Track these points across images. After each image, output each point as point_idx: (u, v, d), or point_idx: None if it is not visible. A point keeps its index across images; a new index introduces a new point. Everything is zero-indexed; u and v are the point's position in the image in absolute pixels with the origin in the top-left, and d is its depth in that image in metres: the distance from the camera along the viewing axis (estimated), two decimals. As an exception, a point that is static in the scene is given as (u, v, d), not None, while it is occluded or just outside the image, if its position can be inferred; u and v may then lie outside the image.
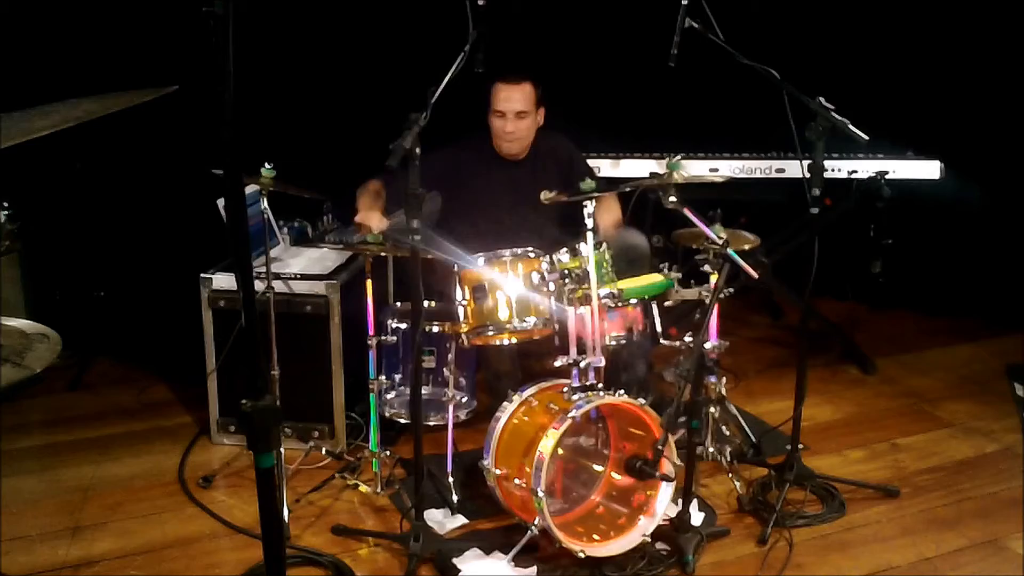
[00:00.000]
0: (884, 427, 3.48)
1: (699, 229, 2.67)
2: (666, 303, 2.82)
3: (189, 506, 2.92)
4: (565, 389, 2.61)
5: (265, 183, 2.81)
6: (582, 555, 2.48)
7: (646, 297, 2.82)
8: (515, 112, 3.22)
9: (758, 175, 3.95)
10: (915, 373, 4.00)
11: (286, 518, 2.75)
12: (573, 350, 2.60)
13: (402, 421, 3.14)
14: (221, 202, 3.15)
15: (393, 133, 2.37)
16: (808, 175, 2.72)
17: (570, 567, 2.53)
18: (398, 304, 3.34)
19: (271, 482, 1.46)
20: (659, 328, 2.83)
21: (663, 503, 2.59)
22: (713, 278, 2.69)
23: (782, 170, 3.93)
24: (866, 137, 2.62)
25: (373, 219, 3.05)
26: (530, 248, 2.79)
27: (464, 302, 2.78)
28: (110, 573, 2.57)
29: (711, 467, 3.05)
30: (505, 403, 2.76)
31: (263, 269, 2.85)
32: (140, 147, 3.95)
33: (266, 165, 2.80)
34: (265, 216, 3.05)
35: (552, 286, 2.73)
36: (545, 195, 2.78)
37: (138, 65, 3.72)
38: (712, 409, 2.99)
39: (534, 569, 2.53)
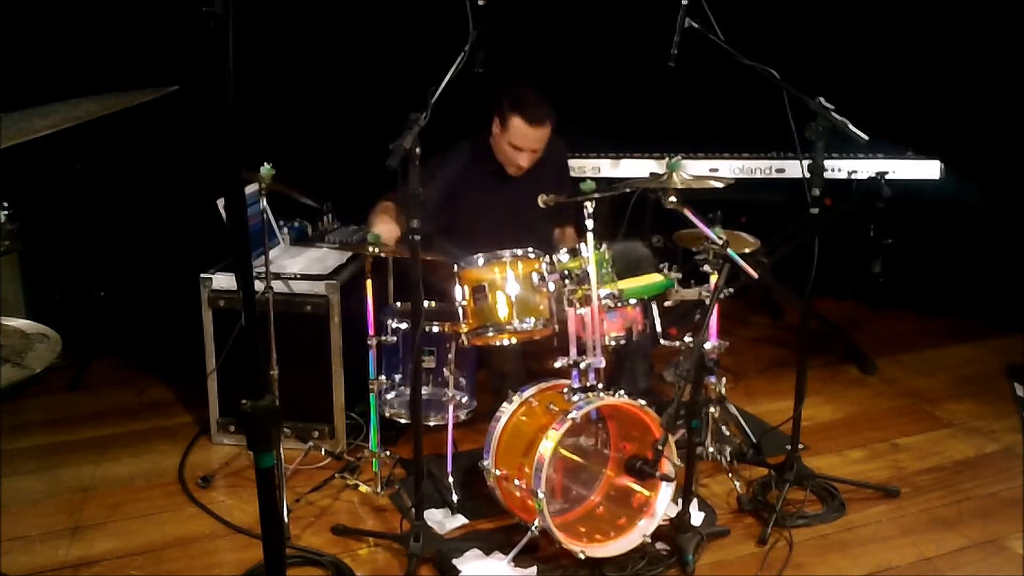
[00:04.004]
0: (884, 427, 3.48)
1: (699, 229, 2.67)
2: (666, 303, 2.82)
3: (189, 506, 2.92)
4: (565, 390, 2.61)
5: (264, 182, 2.81)
6: (582, 555, 2.48)
7: (646, 297, 2.83)
8: (531, 150, 3.25)
9: (758, 175, 3.95)
10: (915, 373, 4.00)
11: (286, 518, 2.75)
12: (573, 351, 2.60)
13: (402, 421, 3.14)
14: (221, 202, 3.15)
15: (393, 133, 2.37)
16: (808, 175, 2.73)
17: (570, 567, 2.53)
18: (398, 304, 3.34)
19: (271, 482, 1.46)
20: (659, 328, 2.83)
21: (663, 503, 2.59)
22: (713, 278, 2.69)
23: (782, 170, 3.93)
24: (866, 137, 2.62)
25: (390, 231, 3.09)
26: (530, 248, 2.79)
27: (464, 302, 2.78)
28: (110, 573, 2.57)
29: (711, 467, 3.04)
30: (505, 403, 2.77)
31: (263, 269, 2.85)
32: (140, 147, 3.95)
33: (265, 165, 2.80)
34: (265, 216, 3.05)
35: (552, 286, 2.73)
36: (543, 198, 2.78)
37: (138, 65, 3.72)
38: (712, 409, 2.98)
39: (534, 569, 2.52)
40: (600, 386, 2.59)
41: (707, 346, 2.82)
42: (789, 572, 2.56)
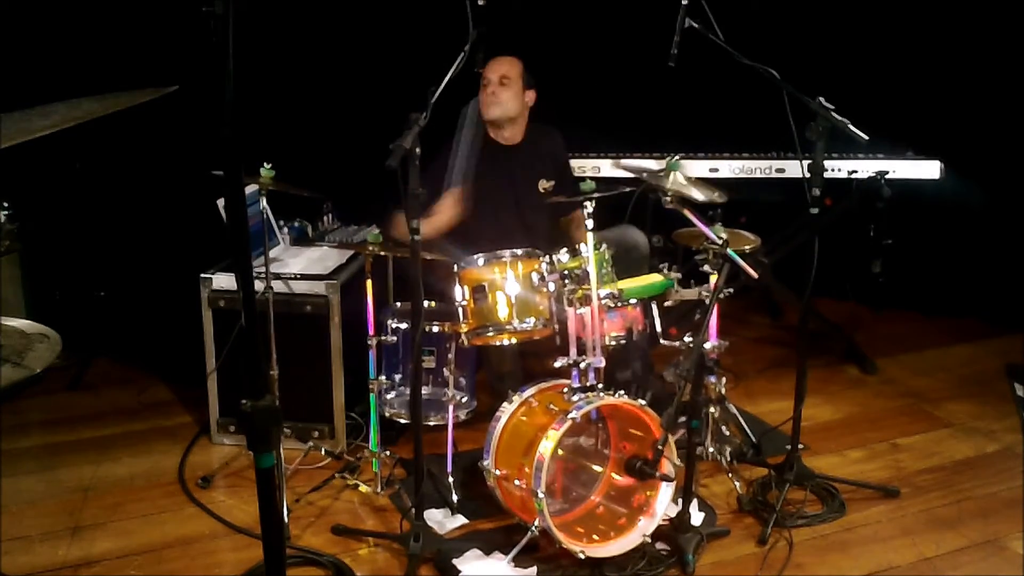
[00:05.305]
0: (884, 427, 3.48)
1: (699, 229, 2.67)
2: (666, 303, 2.82)
3: (189, 506, 2.92)
4: (565, 390, 2.61)
5: (264, 183, 2.81)
6: (582, 555, 2.48)
7: (646, 297, 2.83)
8: (499, 76, 3.29)
9: (758, 175, 3.95)
10: (915, 373, 4.00)
11: (286, 518, 2.75)
12: (573, 351, 2.60)
13: (402, 421, 3.14)
14: (221, 202, 3.15)
15: (393, 133, 2.37)
16: (808, 175, 2.72)
17: (570, 567, 2.53)
18: (398, 304, 3.35)
19: (271, 482, 1.46)
20: (659, 328, 2.83)
21: (663, 503, 2.59)
22: (713, 278, 2.69)
23: (782, 170, 3.93)
24: (866, 137, 2.62)
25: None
26: (530, 248, 2.79)
27: (464, 302, 2.78)
28: (110, 573, 2.57)
29: (711, 467, 3.04)
30: (505, 403, 2.76)
31: (263, 269, 2.85)
32: (140, 147, 3.95)
33: (265, 165, 2.80)
34: (265, 216, 3.05)
35: (552, 286, 2.73)
36: (543, 184, 2.78)
37: (138, 65, 3.72)
38: (712, 409, 2.99)
39: (534, 569, 2.52)
40: (600, 386, 2.59)
41: (707, 346, 2.82)
42: (789, 572, 2.56)
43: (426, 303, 2.62)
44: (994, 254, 4.40)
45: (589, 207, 2.62)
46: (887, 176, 3.78)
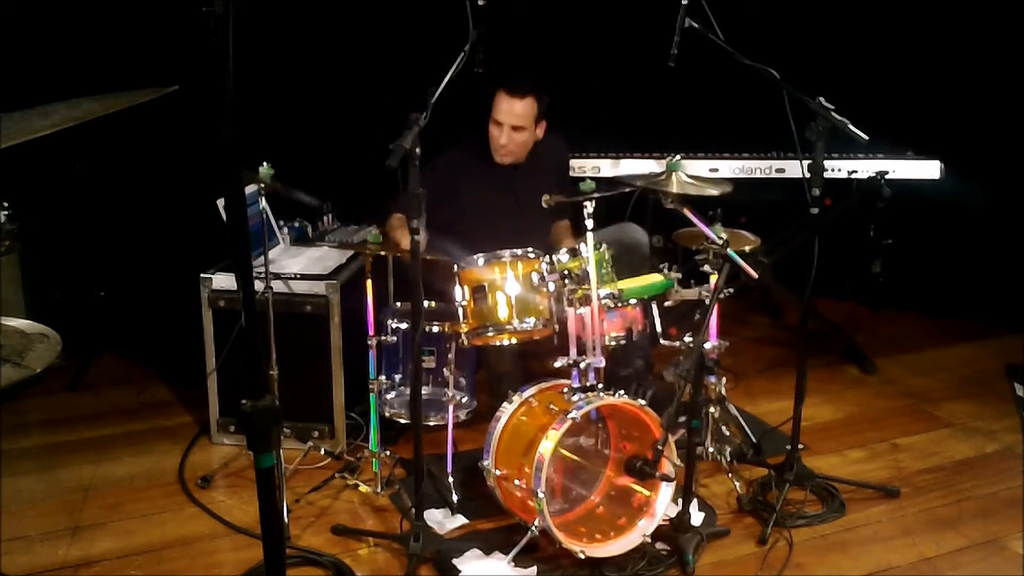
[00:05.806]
0: (884, 427, 3.48)
1: (699, 229, 2.67)
2: (666, 303, 2.82)
3: (189, 506, 2.92)
4: (565, 390, 2.61)
5: (264, 182, 2.81)
6: (582, 555, 2.48)
7: (646, 297, 2.83)
8: (512, 125, 3.23)
9: (758, 175, 3.95)
10: (915, 373, 4.00)
11: (286, 518, 2.75)
12: (573, 350, 2.60)
13: (402, 421, 3.14)
14: (221, 202, 3.15)
15: (393, 133, 2.37)
16: (808, 175, 2.73)
17: (570, 567, 2.53)
18: (398, 304, 3.34)
19: (271, 482, 1.46)
20: (659, 328, 2.83)
21: (663, 503, 2.59)
22: (713, 278, 2.69)
23: (782, 170, 3.93)
24: (866, 137, 2.62)
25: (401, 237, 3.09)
26: (530, 248, 2.79)
27: (464, 302, 2.78)
28: (110, 573, 2.57)
29: (711, 467, 3.04)
30: (505, 403, 2.77)
31: (263, 269, 2.85)
32: (140, 147, 3.95)
33: (265, 164, 2.80)
34: (264, 216, 3.05)
35: (552, 286, 2.73)
36: (546, 199, 2.78)
37: (138, 65, 3.72)
38: (712, 409, 2.99)
39: (534, 569, 2.53)
40: (600, 386, 2.59)
41: (707, 346, 2.82)
42: (789, 572, 2.56)
43: (426, 303, 2.62)
44: (994, 254, 4.40)
45: (589, 207, 2.62)
46: (887, 176, 3.77)
